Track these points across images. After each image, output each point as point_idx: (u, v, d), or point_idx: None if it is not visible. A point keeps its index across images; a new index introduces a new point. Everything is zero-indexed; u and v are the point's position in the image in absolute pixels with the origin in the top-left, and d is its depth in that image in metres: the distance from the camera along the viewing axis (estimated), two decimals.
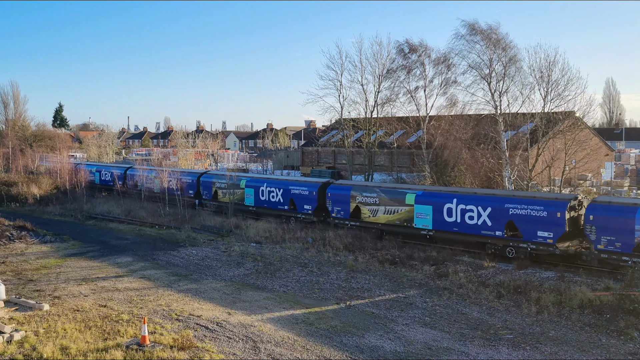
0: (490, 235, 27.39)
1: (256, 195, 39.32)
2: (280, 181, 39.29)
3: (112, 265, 27.18)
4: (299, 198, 36.37)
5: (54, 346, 15.98)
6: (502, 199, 27.56)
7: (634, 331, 17.38)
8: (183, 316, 19.03)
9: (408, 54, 44.89)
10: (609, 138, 78.60)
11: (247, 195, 40.03)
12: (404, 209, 30.56)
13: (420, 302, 20.97)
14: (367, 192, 32.56)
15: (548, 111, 37.15)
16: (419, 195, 30.34)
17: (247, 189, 40.10)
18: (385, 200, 31.43)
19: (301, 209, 36.29)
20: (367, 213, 32.39)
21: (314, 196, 35.52)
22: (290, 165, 68.60)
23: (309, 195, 35.80)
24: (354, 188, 33.77)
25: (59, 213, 44.48)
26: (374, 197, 31.92)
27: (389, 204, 31.22)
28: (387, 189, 32.14)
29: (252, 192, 39.59)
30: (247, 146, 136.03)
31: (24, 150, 66.74)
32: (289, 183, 37.93)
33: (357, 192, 33.10)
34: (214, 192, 43.00)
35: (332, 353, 15.91)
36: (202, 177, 45.00)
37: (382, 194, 31.73)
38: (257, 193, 39.27)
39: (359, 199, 32.77)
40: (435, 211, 29.28)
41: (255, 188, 39.46)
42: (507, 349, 16.35)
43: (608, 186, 44.65)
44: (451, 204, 28.73)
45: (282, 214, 37.35)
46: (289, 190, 37.06)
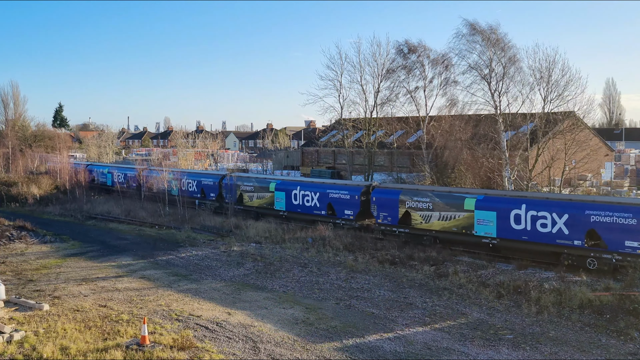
0: (567, 244, 24.99)
1: (288, 199, 37.24)
2: (317, 184, 36.78)
3: (112, 265, 27.18)
4: (339, 202, 34.41)
5: (53, 346, 15.98)
6: (581, 204, 25.13)
7: (634, 331, 17.37)
8: (183, 316, 19.03)
9: (407, 54, 44.99)
10: (609, 138, 78.63)
11: (278, 199, 37.85)
12: (463, 215, 28.24)
13: (420, 302, 20.97)
14: (418, 197, 30.18)
15: (548, 111, 37.16)
16: (480, 200, 27.97)
17: (277, 193, 37.90)
18: (440, 206, 29.14)
19: (341, 214, 34.30)
20: (418, 219, 30.08)
21: (356, 201, 33.49)
22: (290, 165, 68.62)
23: (351, 200, 33.76)
24: (403, 192, 31.31)
25: (59, 213, 44.47)
26: (426, 202, 29.62)
27: (445, 209, 28.94)
28: (442, 193, 29.80)
29: (283, 195, 37.47)
30: (247, 146, 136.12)
31: (24, 151, 66.74)
32: (327, 186, 35.70)
33: (407, 197, 30.66)
34: (239, 196, 40.84)
35: (331, 353, 15.91)
36: (224, 179, 42.87)
37: (437, 198, 29.42)
38: (289, 197, 37.17)
39: (409, 203, 30.40)
40: (500, 217, 26.97)
41: (286, 191, 37.36)
42: (507, 349, 16.34)
43: (608, 186, 44.68)
44: (519, 210, 26.40)
45: (319, 220, 34.98)
46: (327, 194, 35.03)
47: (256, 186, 39.45)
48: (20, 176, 56.83)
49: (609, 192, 42.11)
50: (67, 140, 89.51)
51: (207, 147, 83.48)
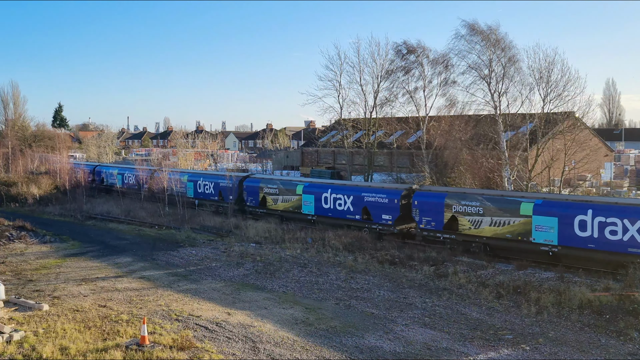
0: None
1: (317, 203, 35.14)
2: (350, 187, 34.98)
3: (111, 265, 27.18)
4: (376, 206, 32.24)
5: (53, 346, 15.97)
6: None
7: (634, 332, 17.38)
8: (182, 316, 19.03)
9: (406, 55, 44.97)
10: (609, 138, 78.66)
11: (306, 203, 35.78)
12: (518, 220, 26.47)
13: (419, 303, 20.98)
14: (467, 200, 28.38)
15: (547, 112, 37.18)
16: (538, 204, 26.14)
17: (305, 196, 35.87)
18: (491, 210, 27.40)
19: (378, 218, 32.13)
20: (466, 224, 28.29)
21: (395, 205, 31.36)
22: (289, 165, 68.67)
23: (389, 204, 31.59)
24: (449, 195, 29.42)
25: (59, 213, 44.47)
26: (476, 206, 27.92)
27: (497, 214, 27.18)
28: (495, 197, 28.03)
29: (312, 199, 35.36)
30: (246, 146, 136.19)
31: (24, 151, 66.73)
32: (362, 189, 33.69)
33: (454, 200, 28.81)
34: (261, 199, 38.81)
35: (331, 353, 15.91)
36: (245, 181, 40.92)
37: (488, 202, 27.67)
38: (318, 200, 35.05)
39: (456, 207, 28.63)
40: (562, 224, 25.18)
41: (315, 194, 35.25)
42: (507, 350, 16.35)
43: (607, 187, 44.70)
44: (585, 216, 24.68)
45: (353, 224, 33.28)
46: (362, 197, 32.96)
47: (281, 189, 37.50)
48: (20, 176, 56.80)
49: (609, 193, 42.12)
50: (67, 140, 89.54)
51: (207, 147, 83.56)
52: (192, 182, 44.87)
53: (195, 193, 44.28)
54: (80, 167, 60.51)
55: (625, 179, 48.95)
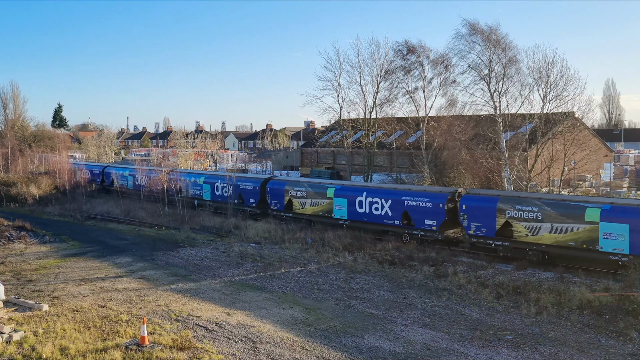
0: None
1: (350, 207, 33.44)
2: (388, 190, 32.96)
3: (111, 265, 27.17)
4: (418, 211, 30.38)
5: (53, 346, 15.97)
6: None
7: (633, 332, 17.39)
8: (182, 316, 19.02)
9: (407, 55, 45.01)
10: (608, 139, 78.67)
11: (337, 207, 34.07)
12: (583, 227, 24.65)
13: (419, 303, 20.98)
14: (523, 205, 26.56)
15: (547, 112, 37.20)
16: (606, 210, 24.29)
17: (336, 199, 34.15)
18: (551, 216, 25.59)
19: (420, 224, 30.37)
20: (522, 231, 26.52)
21: (440, 209, 29.60)
22: (289, 165, 68.70)
23: (433, 208, 29.79)
24: (502, 199, 27.59)
25: (59, 213, 44.47)
26: (533, 212, 26.13)
27: (558, 220, 25.36)
28: (555, 202, 26.12)
29: (345, 202, 33.65)
30: (246, 146, 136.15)
31: (24, 151, 66.74)
32: (402, 193, 31.66)
33: (508, 205, 27.07)
34: (287, 202, 37.17)
35: (331, 354, 15.91)
36: (269, 183, 39.10)
37: (547, 207, 25.86)
38: (351, 204, 33.34)
39: (511, 213, 26.88)
40: (635, 231, 23.39)
41: (349, 198, 33.54)
42: (507, 350, 16.35)
43: (607, 187, 44.69)
44: None
45: (391, 230, 31.54)
46: (402, 201, 31.07)
47: (309, 192, 35.71)
48: (20, 176, 56.80)
49: (608, 193, 42.13)
50: (67, 140, 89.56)
51: (207, 147, 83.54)
52: (209, 184, 43.24)
53: (212, 196, 42.69)
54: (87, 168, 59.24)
55: (625, 179, 48.94)
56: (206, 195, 43.13)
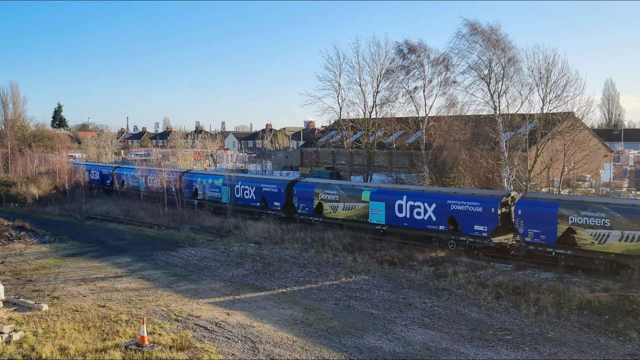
0: None
1: (389, 211, 31.47)
2: (431, 194, 30.83)
3: (111, 265, 27.18)
4: (466, 216, 28.59)
5: (52, 346, 15.98)
6: None
7: (633, 332, 17.40)
8: (182, 316, 19.03)
9: (407, 54, 44.99)
10: (608, 139, 78.71)
11: (374, 211, 32.13)
12: None
13: (419, 303, 20.98)
14: (589, 211, 24.64)
15: (547, 112, 37.19)
16: None
17: (372, 203, 32.23)
18: (621, 222, 23.66)
19: (469, 229, 28.45)
20: (587, 239, 24.68)
21: (492, 214, 27.67)
22: (289, 165, 68.70)
23: (485, 213, 27.87)
24: (564, 204, 25.67)
25: (58, 213, 44.47)
26: (602, 218, 24.21)
27: (630, 227, 23.44)
28: (626, 208, 24.04)
29: (382, 206, 31.76)
30: (246, 146, 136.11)
31: (23, 151, 66.75)
32: (447, 196, 29.70)
33: (571, 210, 25.17)
34: (316, 205, 35.21)
35: (331, 354, 15.91)
36: (296, 186, 37.18)
37: (617, 213, 23.85)
38: (390, 208, 31.38)
39: (575, 219, 24.94)
40: None
41: (387, 202, 31.59)
42: (506, 350, 16.36)
43: (607, 187, 44.70)
44: None
45: (435, 236, 29.79)
46: (448, 205, 29.19)
47: (342, 195, 33.83)
48: (20, 176, 56.80)
49: (608, 193, 42.14)
50: (67, 140, 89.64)
51: (206, 147, 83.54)
52: (228, 186, 41.29)
53: (232, 199, 40.68)
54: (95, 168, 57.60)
55: (625, 180, 48.95)
56: (225, 198, 41.43)
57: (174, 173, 45.92)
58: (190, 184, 44.95)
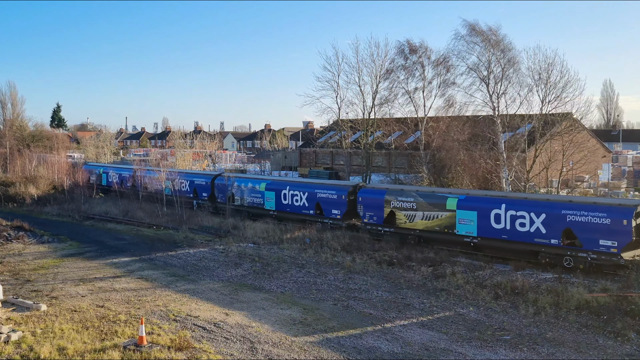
0: None
1: (482, 221, 27.56)
2: (537, 202, 26.70)
3: (109, 265, 27.16)
4: (587, 228, 24.29)
5: (51, 346, 15.97)
6: None
7: (631, 332, 17.41)
8: (180, 317, 19.02)
9: (408, 54, 44.98)
10: (607, 139, 78.83)
11: (463, 221, 28.28)
12: None
13: (417, 303, 20.99)
14: None
15: (546, 113, 37.22)
16: None
17: (461, 212, 28.37)
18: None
19: (591, 244, 24.12)
20: None
21: (624, 227, 23.26)
22: (288, 166, 68.68)
23: (613, 225, 23.48)
24: None
25: (57, 213, 44.43)
26: None
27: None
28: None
29: (474, 216, 27.88)
30: (245, 147, 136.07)
31: (22, 151, 66.69)
32: (562, 205, 25.48)
33: None
34: (387, 214, 31.37)
35: (329, 354, 15.91)
36: (361, 192, 33.28)
37: None
38: (484, 217, 27.53)
39: None
40: None
41: (479, 211, 27.77)
42: (505, 350, 16.37)
43: (605, 187, 44.76)
44: None
45: (546, 251, 25.71)
46: (563, 216, 25.06)
47: (421, 203, 29.96)
48: (18, 176, 56.73)
49: (607, 194, 42.17)
50: (65, 140, 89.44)
51: (205, 147, 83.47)
52: (272, 191, 38.31)
53: (278, 205, 37.81)
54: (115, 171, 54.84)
55: (623, 180, 49.03)
56: (269, 204, 38.35)
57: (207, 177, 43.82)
58: (224, 188, 41.88)
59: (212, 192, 43.23)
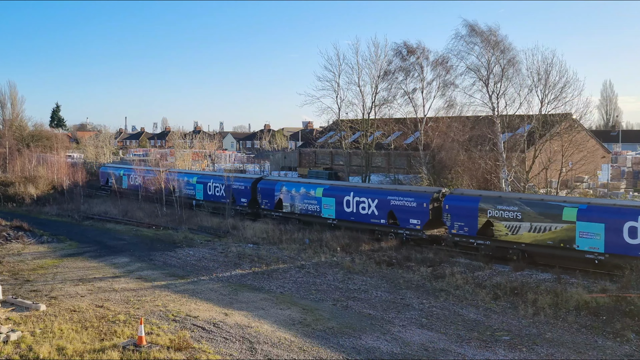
0: None
1: (611, 235, 23.76)
2: None
3: (109, 265, 27.16)
4: None
5: (50, 347, 15.96)
6: None
7: (630, 333, 17.43)
8: (180, 317, 19.02)
9: (406, 56, 44.95)
10: (606, 140, 78.79)
11: (584, 234, 24.45)
12: None
13: (417, 304, 21.00)
14: None
15: (545, 113, 37.22)
16: None
17: (582, 224, 24.52)
18: None
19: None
20: None
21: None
22: (287, 166, 68.66)
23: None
24: None
25: (56, 213, 44.42)
26: None
27: None
28: None
29: (601, 229, 23.99)
30: (244, 147, 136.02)
31: (22, 151, 66.68)
32: None
33: None
34: (482, 225, 27.93)
35: (328, 354, 15.92)
36: (447, 199, 29.76)
37: None
38: (613, 231, 23.70)
39: None
40: None
41: (607, 223, 23.90)
42: (504, 351, 16.38)
43: (604, 188, 44.75)
44: None
45: None
46: None
47: (527, 212, 26.28)
48: (18, 176, 56.72)
49: (606, 194, 42.18)
50: (65, 140, 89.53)
51: (205, 147, 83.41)
52: (332, 197, 34.85)
53: (338, 213, 34.53)
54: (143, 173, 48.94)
55: (622, 181, 48.98)
56: (328, 211, 35.02)
57: (247, 180, 41.60)
58: (270, 192, 38.85)
59: (252, 197, 40.37)
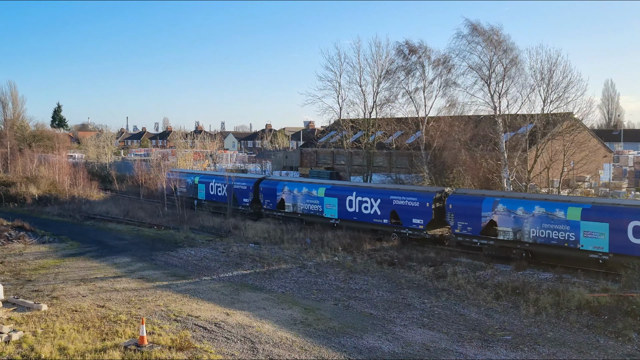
0: None
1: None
2: None
3: (110, 265, 27.16)
4: None
5: (52, 346, 15.96)
6: None
7: (632, 332, 17.40)
8: (181, 317, 19.02)
9: (408, 55, 44.92)
10: (608, 139, 78.79)
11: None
12: None
13: (418, 303, 20.98)
14: None
15: (547, 113, 37.16)
16: None
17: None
18: None
19: None
20: None
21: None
22: (288, 166, 68.70)
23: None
24: None
25: (58, 213, 44.43)
26: None
27: None
28: None
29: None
30: (245, 147, 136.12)
31: (23, 151, 66.72)
32: None
33: None
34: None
35: (330, 354, 15.91)
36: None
37: None
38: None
39: None
40: None
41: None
42: (505, 350, 16.36)
43: (606, 187, 44.71)
44: None
45: None
46: None
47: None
48: (19, 176, 56.75)
49: (607, 194, 42.11)
50: (66, 140, 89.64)
51: (206, 147, 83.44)
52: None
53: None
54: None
55: (624, 180, 48.95)
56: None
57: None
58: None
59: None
